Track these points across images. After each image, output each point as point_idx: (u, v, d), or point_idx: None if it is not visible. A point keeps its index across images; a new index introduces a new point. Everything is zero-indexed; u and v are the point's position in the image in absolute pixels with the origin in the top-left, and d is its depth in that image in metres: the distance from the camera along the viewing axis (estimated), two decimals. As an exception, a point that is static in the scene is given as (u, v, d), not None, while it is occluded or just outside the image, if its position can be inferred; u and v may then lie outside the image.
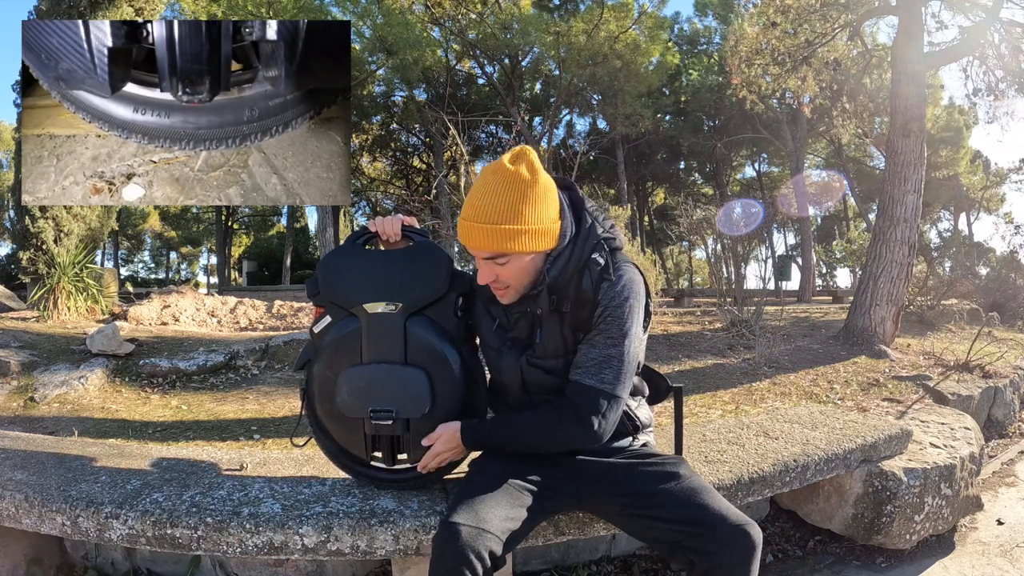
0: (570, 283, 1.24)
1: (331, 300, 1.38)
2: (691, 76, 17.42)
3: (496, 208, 1.15)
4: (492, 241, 1.16)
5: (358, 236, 1.45)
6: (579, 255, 1.23)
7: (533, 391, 1.32)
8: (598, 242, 1.25)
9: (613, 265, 1.24)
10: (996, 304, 7.41)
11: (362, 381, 1.33)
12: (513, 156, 1.18)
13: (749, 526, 1.12)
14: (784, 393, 3.79)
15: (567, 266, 1.23)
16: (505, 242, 1.16)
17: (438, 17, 15.20)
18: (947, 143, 18.95)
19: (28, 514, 1.40)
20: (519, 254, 1.19)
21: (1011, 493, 2.67)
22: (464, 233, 1.19)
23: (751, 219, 12.98)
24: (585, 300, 1.23)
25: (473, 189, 1.20)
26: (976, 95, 7.24)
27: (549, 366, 1.28)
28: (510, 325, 1.33)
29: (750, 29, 7.19)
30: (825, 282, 17.60)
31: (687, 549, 1.15)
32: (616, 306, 1.21)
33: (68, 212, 6.69)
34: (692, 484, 1.21)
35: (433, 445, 1.33)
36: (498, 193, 1.15)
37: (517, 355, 1.31)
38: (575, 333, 1.26)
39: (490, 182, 1.17)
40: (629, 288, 1.23)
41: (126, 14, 6.81)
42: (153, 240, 34.40)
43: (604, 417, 1.21)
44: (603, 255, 1.24)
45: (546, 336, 1.27)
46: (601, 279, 1.22)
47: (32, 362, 3.94)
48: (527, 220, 1.16)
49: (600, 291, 1.22)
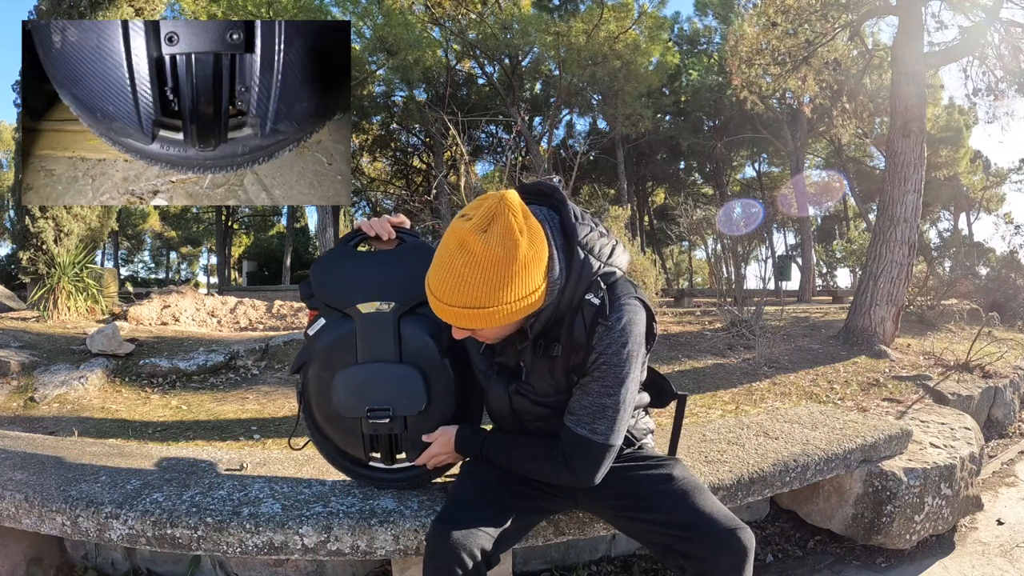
0: (560, 325, 1.14)
1: (324, 302, 1.39)
2: (691, 76, 17.44)
3: (467, 294, 1.00)
4: (467, 321, 1.04)
5: (350, 238, 1.45)
6: (569, 299, 1.11)
7: (523, 418, 1.28)
8: (593, 282, 1.11)
9: (610, 304, 1.11)
10: (996, 304, 7.41)
11: (358, 380, 1.33)
12: (483, 222, 0.99)
13: (741, 531, 1.10)
14: (784, 393, 3.79)
15: (555, 313, 1.12)
16: (481, 321, 1.03)
17: (438, 17, 15.21)
18: (947, 143, 18.95)
19: (28, 514, 1.40)
20: (494, 328, 1.09)
21: (1011, 493, 2.67)
22: (435, 309, 1.07)
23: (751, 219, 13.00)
24: (578, 345, 1.13)
25: (439, 259, 1.03)
26: (976, 95, 7.25)
27: (538, 400, 1.23)
28: (498, 350, 1.26)
29: (750, 29, 7.19)
30: (825, 282, 17.60)
31: (678, 553, 1.14)
32: (613, 353, 1.10)
33: (68, 212, 6.69)
34: (685, 486, 1.20)
35: (431, 445, 1.34)
36: (467, 278, 0.99)
37: (505, 384, 1.26)
38: (568, 376, 1.16)
39: (458, 263, 0.99)
40: (627, 332, 1.11)
41: (126, 14, 6.81)
42: (153, 240, 34.40)
43: (596, 466, 1.15)
44: (599, 294, 1.11)
45: (535, 376, 1.20)
46: (595, 323, 1.11)
47: (32, 362, 3.94)
48: (505, 299, 1.01)
49: (595, 336, 1.11)
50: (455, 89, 16.94)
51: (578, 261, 1.10)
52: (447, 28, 15.59)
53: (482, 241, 0.98)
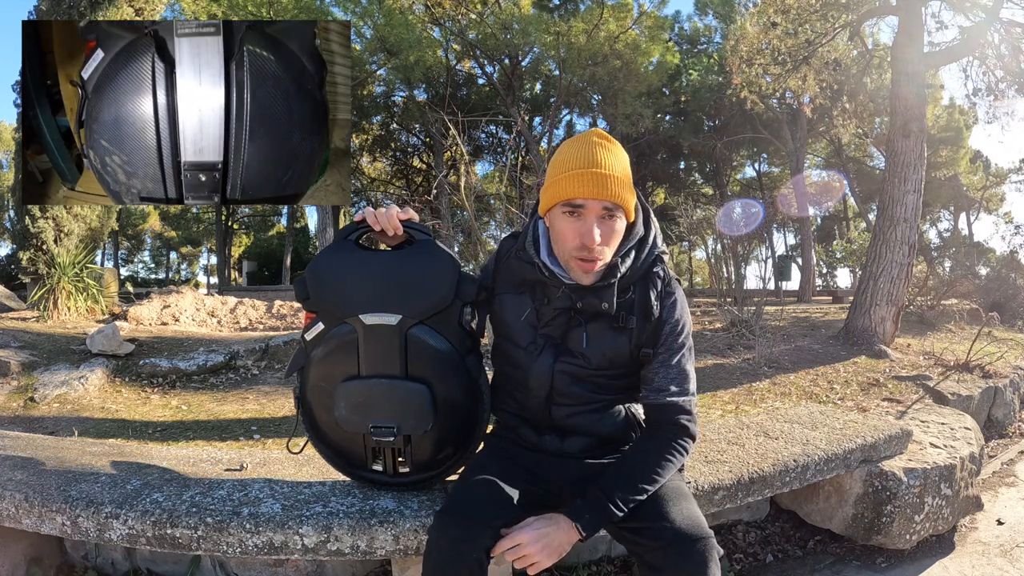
0: (629, 293, 1.24)
1: (323, 307, 1.28)
2: (691, 76, 17.40)
3: (612, 160, 1.16)
4: (615, 189, 1.15)
5: (352, 231, 1.31)
6: (643, 262, 1.24)
7: (557, 398, 1.27)
8: (657, 256, 1.26)
9: (670, 279, 1.27)
10: (996, 304, 7.41)
11: (360, 397, 1.25)
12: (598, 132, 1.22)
13: (702, 541, 1.06)
14: (784, 393, 3.79)
15: (633, 267, 1.23)
16: (624, 192, 1.16)
17: (438, 17, 15.20)
18: (947, 143, 18.95)
19: (28, 514, 1.40)
20: (624, 214, 1.19)
21: (1011, 493, 2.66)
22: (582, 182, 1.14)
23: (751, 219, 12.99)
24: (650, 314, 1.23)
25: (574, 147, 1.19)
26: (976, 95, 7.24)
27: (588, 374, 1.25)
28: (542, 321, 1.26)
29: (751, 29, 7.19)
30: (825, 282, 17.56)
31: (645, 564, 1.12)
32: (683, 323, 1.26)
33: (68, 212, 6.70)
34: (662, 492, 1.18)
35: (526, 554, 1.09)
36: (611, 151, 1.18)
37: (552, 358, 1.25)
38: (634, 350, 1.25)
39: (595, 140, 1.18)
40: (683, 303, 1.27)
41: (126, 14, 6.82)
42: (153, 240, 34.41)
43: (696, 419, 1.25)
44: (663, 269, 1.26)
45: (595, 347, 1.24)
46: (664, 294, 1.25)
47: (32, 362, 3.94)
48: (630, 180, 1.19)
49: (664, 308, 1.24)
50: (455, 89, 16.92)
51: (653, 230, 1.27)
52: (447, 28, 15.58)
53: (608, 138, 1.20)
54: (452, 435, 1.37)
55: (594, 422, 1.29)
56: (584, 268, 1.18)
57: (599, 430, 1.29)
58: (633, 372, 1.28)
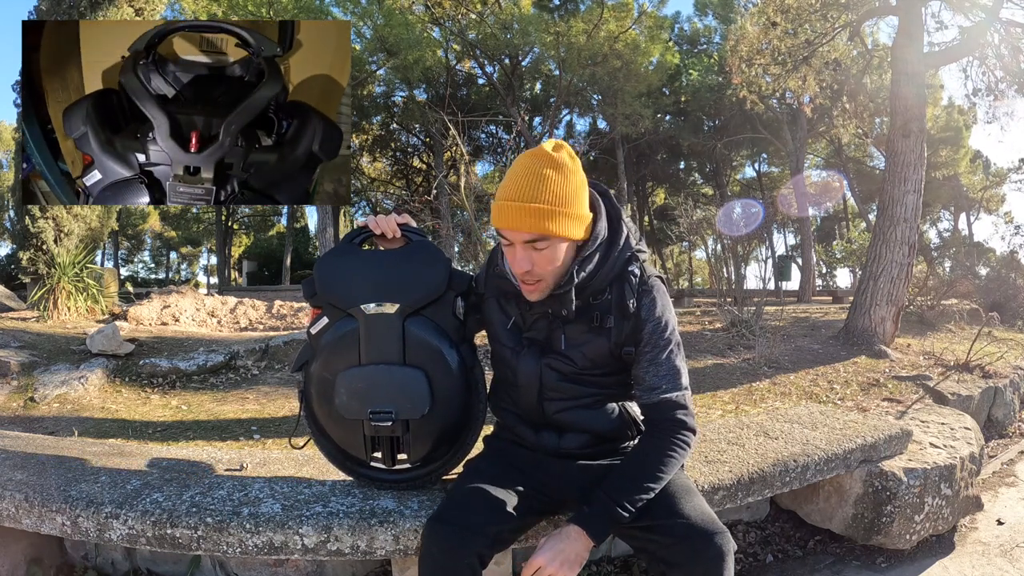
0: (605, 294, 1.24)
1: (328, 301, 1.37)
2: (691, 76, 17.39)
3: (538, 188, 1.13)
4: (535, 221, 1.12)
5: (355, 235, 1.43)
6: (613, 263, 1.23)
7: (547, 394, 1.30)
8: (632, 255, 1.25)
9: (647, 277, 1.26)
10: (996, 304, 7.41)
11: (361, 383, 1.31)
12: (553, 145, 1.18)
13: (719, 535, 1.08)
14: (784, 393, 3.79)
15: (598, 272, 1.22)
16: (547, 223, 1.12)
17: (438, 17, 15.20)
18: (947, 143, 18.95)
19: (28, 514, 1.40)
20: (557, 239, 1.16)
21: (1011, 493, 2.67)
22: (504, 214, 1.14)
23: (751, 219, 12.99)
24: (627, 313, 1.23)
25: (512, 172, 1.17)
26: (976, 95, 7.24)
27: (571, 374, 1.27)
28: (526, 326, 1.30)
29: (750, 29, 7.19)
30: (825, 282, 17.56)
31: (658, 560, 1.13)
32: (664, 319, 1.24)
33: (68, 212, 6.70)
34: (671, 488, 1.19)
35: (549, 574, 1.09)
36: (540, 175, 1.13)
37: (536, 357, 1.29)
38: (614, 349, 1.25)
39: (531, 164, 1.15)
40: (663, 301, 1.26)
41: (126, 14, 6.82)
42: (153, 240, 34.42)
43: (693, 412, 1.25)
44: (638, 267, 1.25)
45: (577, 349, 1.25)
46: (642, 292, 1.24)
47: (32, 362, 3.94)
48: (568, 203, 1.14)
49: (643, 307, 1.24)
50: (455, 89, 16.93)
51: (623, 232, 1.25)
52: (447, 28, 15.58)
53: (553, 152, 1.15)
54: (449, 425, 1.40)
55: (588, 418, 1.30)
56: (526, 290, 1.23)
57: (595, 427, 1.30)
58: (620, 370, 1.29)
